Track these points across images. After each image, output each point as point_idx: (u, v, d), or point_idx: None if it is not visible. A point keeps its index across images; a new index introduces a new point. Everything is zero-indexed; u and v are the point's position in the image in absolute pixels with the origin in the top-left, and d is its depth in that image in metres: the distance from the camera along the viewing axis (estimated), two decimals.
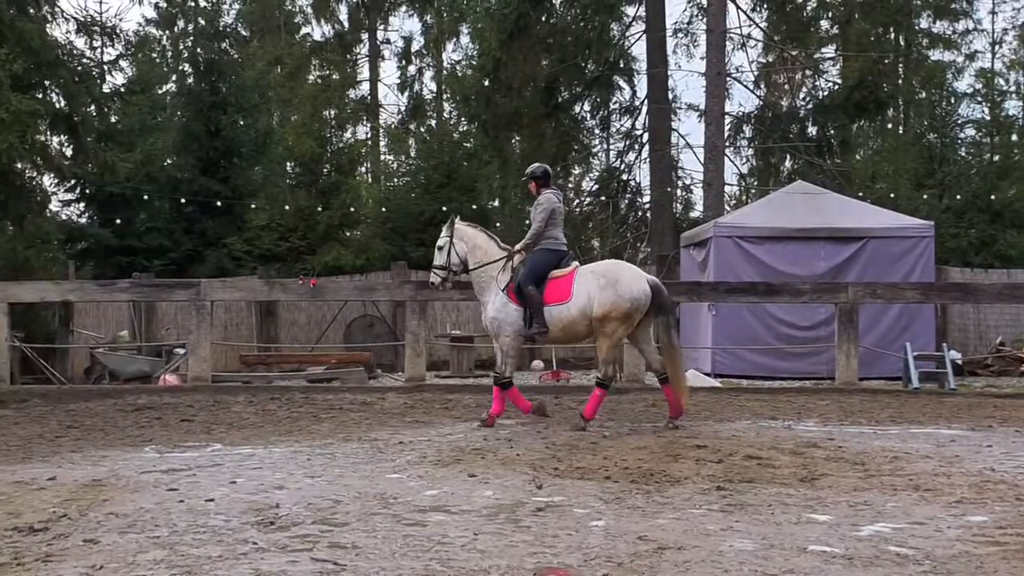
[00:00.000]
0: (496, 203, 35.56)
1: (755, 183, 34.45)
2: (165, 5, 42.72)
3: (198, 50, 33.56)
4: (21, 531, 7.23)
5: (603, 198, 32.33)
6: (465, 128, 37.30)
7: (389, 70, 63.65)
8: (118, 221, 28.65)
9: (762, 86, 34.37)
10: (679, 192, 34.41)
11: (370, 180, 40.81)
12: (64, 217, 29.44)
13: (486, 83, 31.79)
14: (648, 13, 30.89)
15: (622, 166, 33.09)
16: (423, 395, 15.53)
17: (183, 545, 6.70)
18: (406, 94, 46.81)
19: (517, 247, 12.58)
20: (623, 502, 7.83)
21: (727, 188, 31.50)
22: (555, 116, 31.83)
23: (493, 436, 11.38)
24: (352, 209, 31.96)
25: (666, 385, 12.23)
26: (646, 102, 31.68)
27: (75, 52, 25.68)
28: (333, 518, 7.37)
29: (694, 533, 6.85)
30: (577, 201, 34.67)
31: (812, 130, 31.17)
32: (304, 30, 47.80)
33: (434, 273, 12.81)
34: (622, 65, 32.53)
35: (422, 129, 44.13)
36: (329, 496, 8.07)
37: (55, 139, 25.74)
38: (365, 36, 46.82)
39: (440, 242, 12.79)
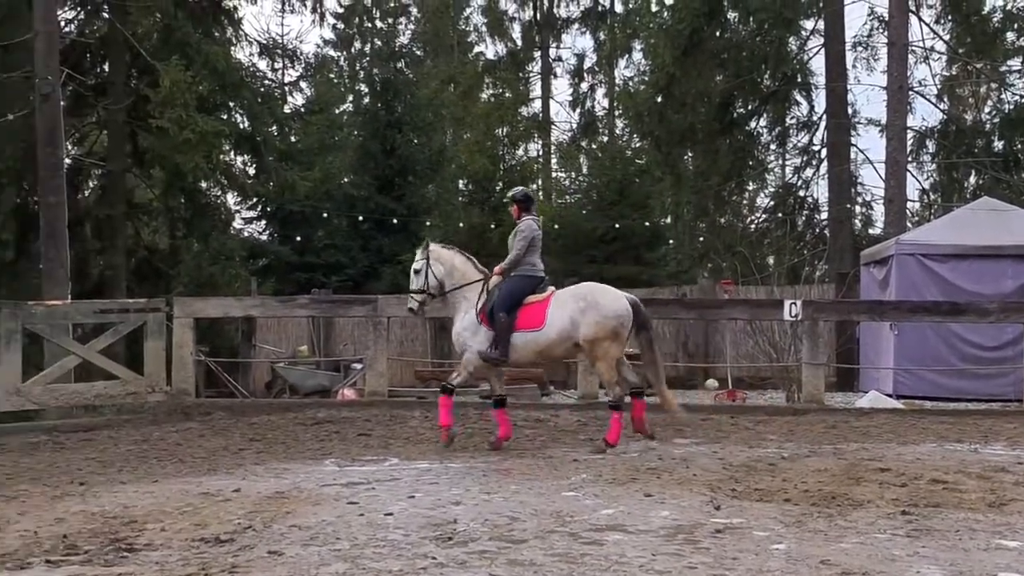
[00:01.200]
0: (668, 220, 35.36)
1: (938, 199, 33.46)
2: (343, 27, 43.62)
3: (374, 70, 34.29)
4: (208, 542, 7.42)
5: (779, 215, 31.90)
6: (637, 144, 37.20)
7: (561, 87, 63.74)
8: (298, 238, 29.37)
9: (946, 100, 33.44)
10: (858, 208, 33.68)
11: (542, 197, 40.95)
12: (246, 234, 30.32)
13: (659, 99, 31.67)
14: (827, 26, 30.40)
15: (799, 182, 32.61)
16: (596, 412, 15.43)
17: (364, 559, 6.79)
18: (578, 111, 46.95)
19: (495, 270, 12.41)
20: (804, 525, 7.66)
21: (909, 204, 30.73)
22: (730, 132, 31.54)
23: (668, 456, 11.26)
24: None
25: (635, 399, 12.22)
26: (825, 117, 31.14)
27: (258, 74, 26.54)
28: (510, 535, 7.38)
29: (879, 558, 6.67)
30: (752, 218, 34.26)
31: (998, 145, 30.22)
32: (477, 49, 48.34)
33: (411, 298, 12.70)
34: (800, 79, 32.04)
35: (594, 146, 44.10)
36: (506, 512, 8.08)
37: (239, 159, 26.61)
38: (538, 54, 47.10)
39: (416, 265, 12.66)
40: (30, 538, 7.78)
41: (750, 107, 31.91)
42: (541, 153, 45.26)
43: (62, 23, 22.96)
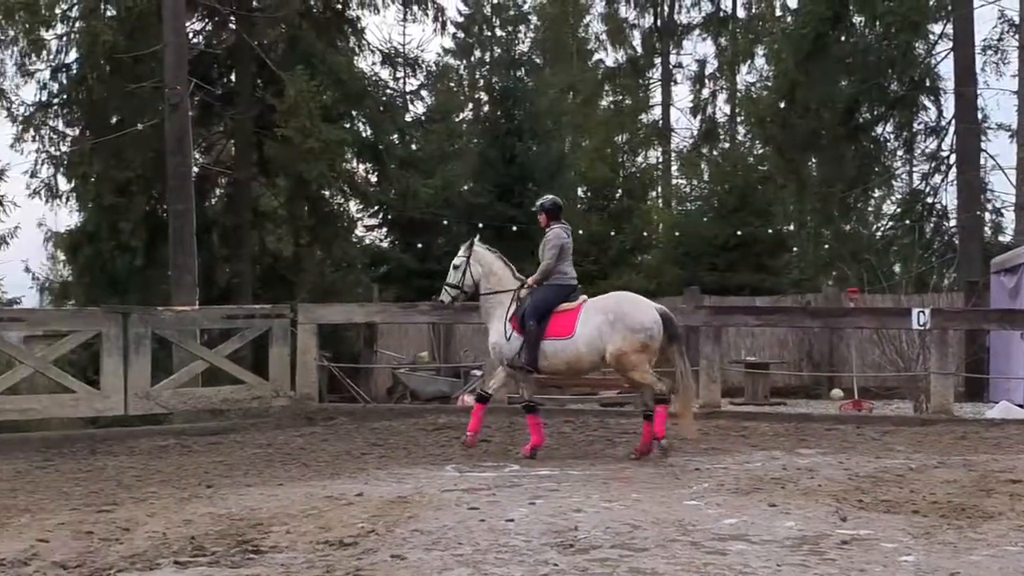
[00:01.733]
0: (791, 227, 34.91)
1: None
2: (463, 35, 43.87)
3: (494, 78, 34.38)
4: (332, 545, 7.51)
5: (907, 222, 31.24)
6: (760, 151, 36.78)
7: (681, 94, 63.50)
8: (419, 245, 29.61)
9: None
10: (988, 215, 32.82)
11: (662, 204, 40.75)
12: (368, 242, 30.62)
13: (782, 104, 31.31)
14: (956, 30, 29.70)
15: (927, 188, 31.91)
16: (718, 422, 15.32)
17: (486, 564, 6.81)
18: (699, 117, 46.52)
19: (529, 280, 12.41)
20: (933, 537, 7.49)
21: None
22: (855, 137, 31.00)
23: (792, 466, 11.10)
24: (644, 234, 31.96)
25: (647, 422, 11.99)
26: (953, 122, 30.45)
27: (380, 83, 26.77)
28: (632, 543, 7.34)
29: (1011, 571, 6.50)
30: (878, 225, 33.65)
31: None
32: (597, 56, 48.21)
33: (445, 291, 12.89)
34: (927, 84, 31.37)
35: (715, 152, 43.74)
36: (627, 521, 8.04)
37: (361, 167, 26.91)
38: (658, 60, 46.83)
39: (457, 261, 12.84)
40: (159, 539, 7.95)
41: (876, 112, 31.31)
42: (661, 160, 45.00)
43: (190, 34, 23.45)
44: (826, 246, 32.26)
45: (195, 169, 21.92)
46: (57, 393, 15.98)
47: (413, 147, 28.99)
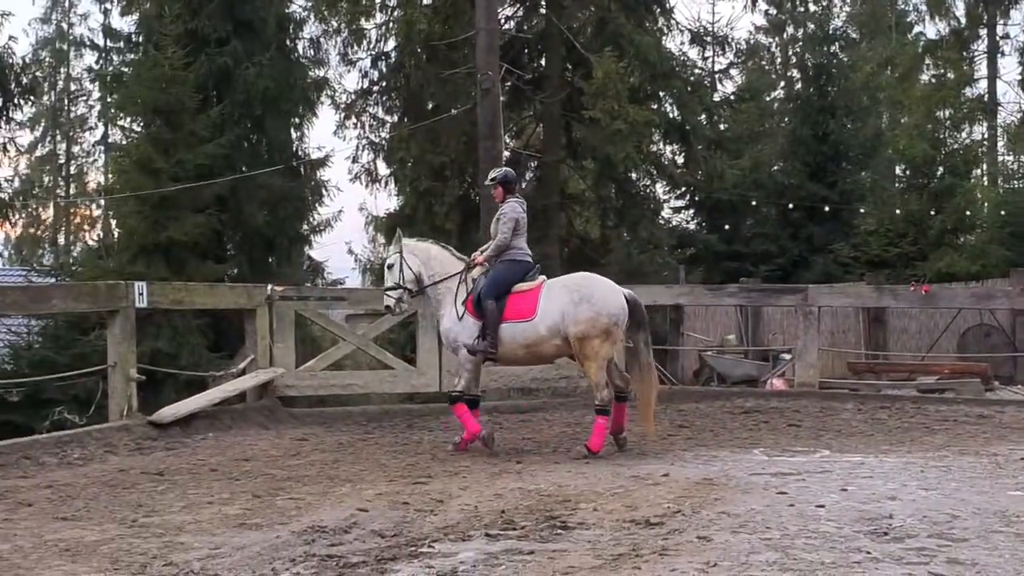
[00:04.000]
0: None
1: None
2: (775, 12, 43.11)
3: (807, 55, 33.65)
4: (638, 524, 7.55)
5: None
6: None
7: (1009, 66, 60.41)
8: (726, 227, 29.34)
9: None
10: None
11: (987, 182, 38.86)
12: (675, 223, 30.56)
13: None
14: None
15: None
16: None
17: (795, 549, 6.70)
18: None
19: (477, 258, 11.74)
20: None
21: None
22: None
23: None
24: (967, 213, 30.58)
25: (620, 403, 11.45)
26: None
27: (688, 62, 26.63)
28: (950, 533, 7.06)
29: None
30: None
31: None
32: (917, 28, 46.45)
33: (387, 296, 12.01)
34: None
35: None
36: (945, 510, 7.75)
37: (668, 148, 26.84)
38: (983, 31, 44.66)
39: (389, 261, 12.05)
40: (471, 512, 8.19)
41: None
42: (986, 136, 42.90)
43: (502, 20, 23.94)
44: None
45: (506, 153, 22.38)
46: (377, 369, 16.71)
47: (721, 127, 28.74)
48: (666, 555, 6.63)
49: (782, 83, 39.53)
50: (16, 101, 20.21)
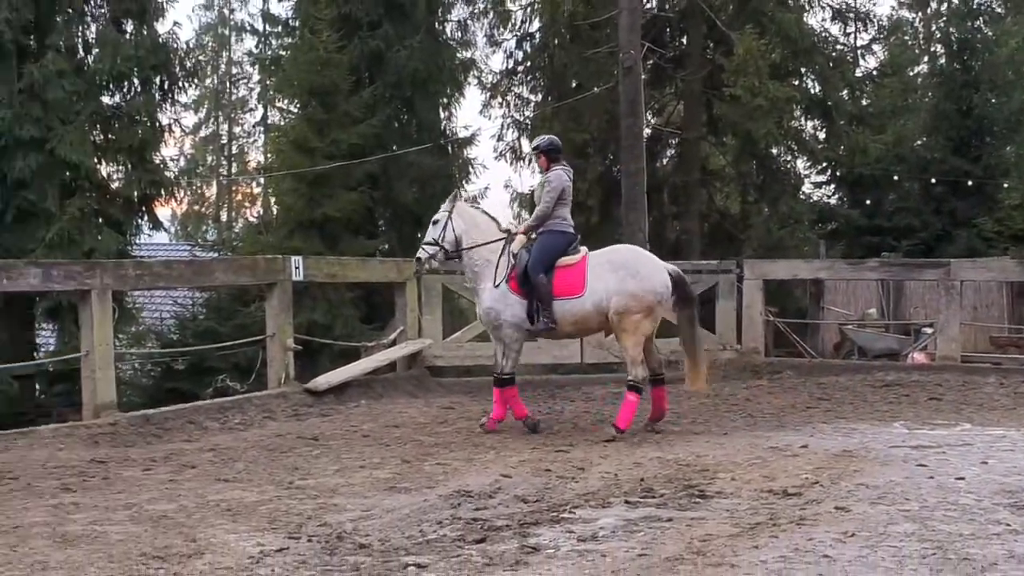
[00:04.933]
0: None
1: None
2: None
3: (951, 30, 32.71)
4: (776, 494, 7.50)
5: None
6: None
7: None
8: (867, 202, 28.75)
9: None
10: None
11: None
12: (815, 199, 30.04)
13: None
14: None
15: None
16: None
17: (933, 520, 6.58)
18: None
19: (519, 228, 11.19)
20: None
21: None
22: None
23: None
24: None
25: (657, 387, 11.01)
26: None
27: (830, 39, 26.19)
28: None
29: None
30: None
31: None
32: None
33: (423, 248, 11.35)
34: None
35: None
36: None
37: (809, 124, 26.46)
38: None
39: (437, 216, 11.33)
40: (611, 480, 8.22)
41: None
42: None
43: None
44: None
45: (647, 130, 22.25)
46: None
47: (863, 102, 28.13)
48: (803, 524, 6.57)
49: (925, 58, 38.39)
50: (181, 84, 20.64)
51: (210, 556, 6.21)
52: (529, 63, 26.03)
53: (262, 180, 35.07)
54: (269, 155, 30.52)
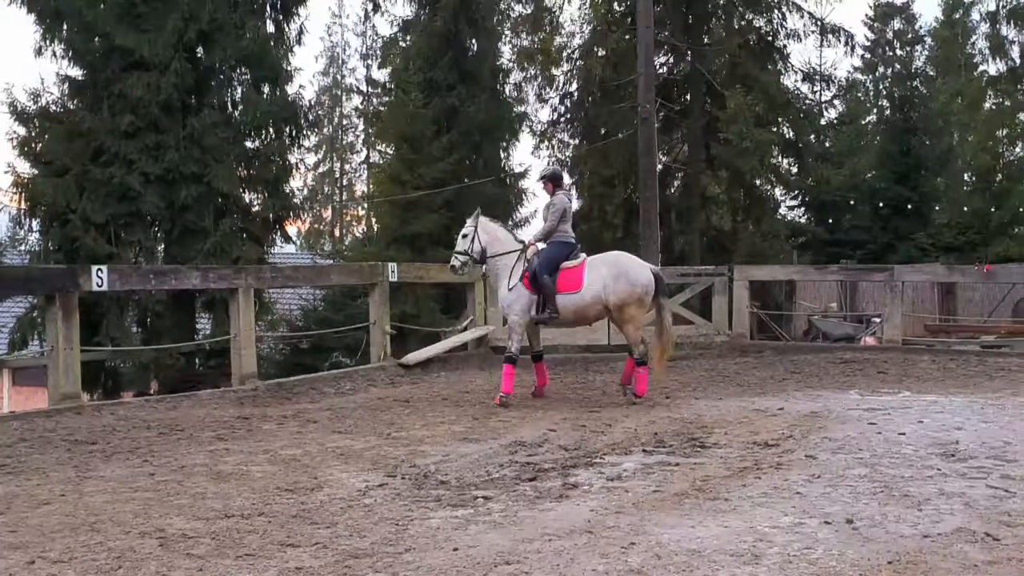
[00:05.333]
0: None
1: None
2: (869, 55, 41.41)
3: (895, 89, 32.31)
4: (759, 445, 7.44)
5: None
6: None
7: None
8: (830, 221, 28.47)
9: None
10: None
11: None
12: (789, 218, 29.76)
13: None
14: None
15: None
16: None
17: (881, 466, 6.52)
18: None
19: (531, 240, 10.79)
20: None
21: None
22: None
23: None
24: (1021, 210, 28.88)
25: (631, 358, 10.48)
26: None
27: (800, 95, 25.98)
28: (1004, 455, 6.78)
29: None
30: None
31: None
32: (982, 67, 43.81)
33: (456, 257, 10.94)
34: None
35: None
36: (1000, 438, 7.42)
37: (784, 161, 26.25)
38: None
39: (465, 231, 10.88)
40: (631, 433, 8.20)
41: None
42: None
43: (657, 66, 23.64)
44: None
45: (659, 166, 22.11)
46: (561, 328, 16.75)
47: (827, 144, 27.88)
48: (780, 468, 6.53)
49: (874, 110, 37.93)
50: (304, 132, 20.78)
51: (328, 489, 6.26)
52: (569, 115, 25.97)
53: (366, 205, 35.22)
54: (371, 186, 30.63)
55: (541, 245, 10.64)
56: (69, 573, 4.51)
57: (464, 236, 10.91)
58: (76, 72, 18.55)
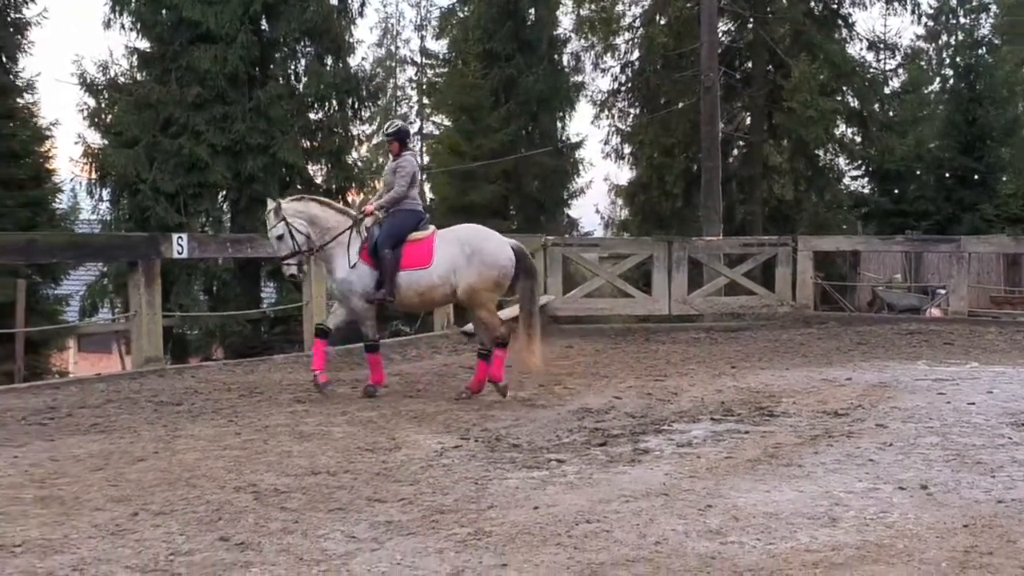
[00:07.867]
0: None
1: None
2: (933, 23, 40.63)
3: (958, 57, 31.74)
4: (828, 414, 7.53)
5: None
6: None
7: None
8: (895, 191, 28.12)
9: None
10: None
11: None
12: (853, 189, 29.46)
13: None
14: None
15: None
16: None
17: (952, 435, 6.59)
18: None
19: (368, 208, 9.06)
20: None
21: None
22: None
23: None
24: None
25: (481, 360, 8.90)
26: None
27: (865, 64, 25.66)
28: None
29: None
30: None
31: None
32: None
33: (286, 266, 9.07)
34: None
35: None
36: None
37: (849, 130, 26.03)
38: None
39: (277, 232, 8.86)
40: (698, 402, 8.32)
41: None
42: None
43: (720, 34, 23.44)
44: None
45: (721, 135, 22.00)
46: (620, 298, 16.89)
47: (891, 114, 27.49)
48: (851, 437, 6.63)
49: (938, 79, 37.22)
50: (365, 104, 21.02)
51: (406, 450, 6.47)
52: (629, 84, 25.85)
53: (423, 176, 35.44)
54: (426, 157, 30.86)
55: (381, 214, 9.01)
56: (172, 524, 4.77)
57: (279, 238, 8.92)
58: (144, 44, 18.99)
